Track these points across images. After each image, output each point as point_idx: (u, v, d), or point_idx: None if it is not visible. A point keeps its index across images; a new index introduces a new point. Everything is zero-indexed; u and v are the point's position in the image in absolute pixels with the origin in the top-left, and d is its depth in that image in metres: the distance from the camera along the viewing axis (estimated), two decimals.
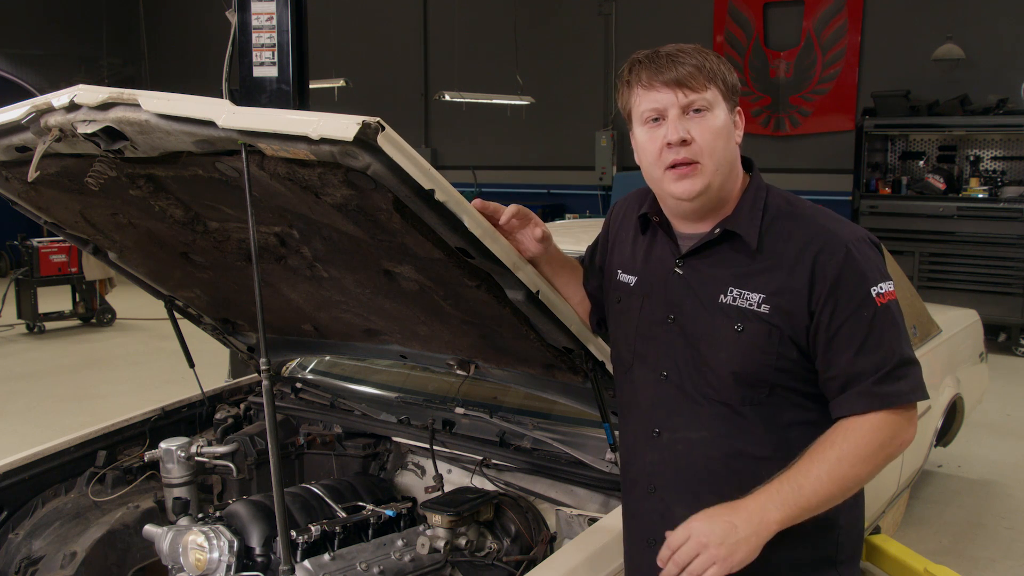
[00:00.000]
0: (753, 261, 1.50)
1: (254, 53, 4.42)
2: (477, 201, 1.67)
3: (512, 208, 1.71)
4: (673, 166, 1.48)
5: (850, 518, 1.61)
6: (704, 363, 1.52)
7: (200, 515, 2.22)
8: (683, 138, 1.46)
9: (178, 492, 2.47)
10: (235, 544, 2.08)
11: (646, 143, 1.51)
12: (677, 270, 1.58)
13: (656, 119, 1.49)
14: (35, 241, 8.73)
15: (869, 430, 1.44)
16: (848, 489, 1.46)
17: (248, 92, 4.45)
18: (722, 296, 1.51)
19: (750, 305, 1.48)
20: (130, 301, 8.16)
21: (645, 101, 1.49)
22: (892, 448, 1.46)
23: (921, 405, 1.54)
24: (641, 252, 1.67)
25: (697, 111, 1.47)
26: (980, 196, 8.17)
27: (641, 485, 1.64)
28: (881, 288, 1.47)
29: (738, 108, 1.54)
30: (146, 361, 7.60)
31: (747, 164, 1.60)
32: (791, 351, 1.48)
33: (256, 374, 3.08)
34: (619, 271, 1.71)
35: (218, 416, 2.92)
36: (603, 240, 1.82)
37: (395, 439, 2.69)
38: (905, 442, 1.48)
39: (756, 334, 1.48)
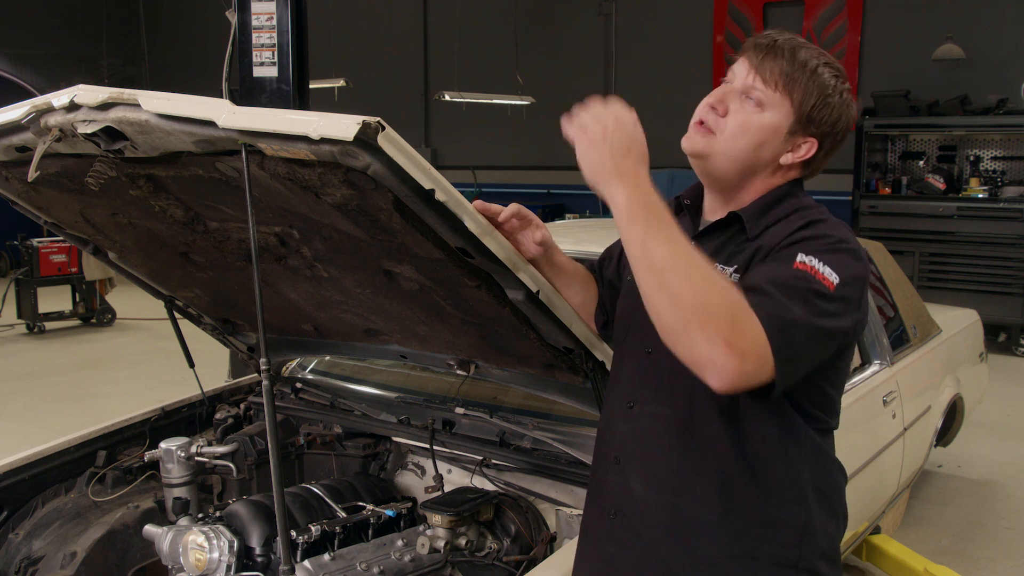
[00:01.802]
0: (746, 246, 1.52)
1: (254, 53, 4.42)
2: (477, 202, 1.67)
3: (512, 207, 1.71)
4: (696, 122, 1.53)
5: (822, 523, 1.52)
6: None
7: (200, 515, 2.22)
8: (713, 105, 1.50)
9: (178, 492, 2.47)
10: (235, 544, 2.09)
11: (706, 96, 1.55)
12: None
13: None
14: (35, 241, 8.72)
15: (727, 286, 1.27)
16: (668, 271, 1.24)
17: (248, 92, 4.45)
18: None
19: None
20: (130, 301, 8.15)
21: (734, 65, 1.55)
22: (716, 330, 1.21)
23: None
24: None
25: (753, 101, 1.48)
26: (980, 196, 8.18)
27: (609, 457, 1.64)
28: (810, 260, 1.35)
29: (808, 140, 1.50)
30: (146, 361, 7.59)
31: (799, 184, 1.57)
32: None
33: (256, 374, 3.08)
34: None
35: (218, 416, 2.92)
36: None
37: (395, 439, 2.69)
38: (729, 360, 1.22)
39: None
